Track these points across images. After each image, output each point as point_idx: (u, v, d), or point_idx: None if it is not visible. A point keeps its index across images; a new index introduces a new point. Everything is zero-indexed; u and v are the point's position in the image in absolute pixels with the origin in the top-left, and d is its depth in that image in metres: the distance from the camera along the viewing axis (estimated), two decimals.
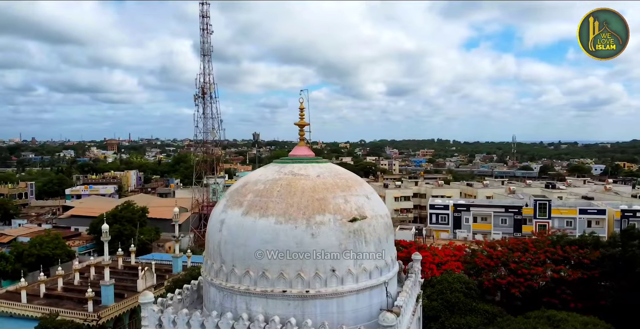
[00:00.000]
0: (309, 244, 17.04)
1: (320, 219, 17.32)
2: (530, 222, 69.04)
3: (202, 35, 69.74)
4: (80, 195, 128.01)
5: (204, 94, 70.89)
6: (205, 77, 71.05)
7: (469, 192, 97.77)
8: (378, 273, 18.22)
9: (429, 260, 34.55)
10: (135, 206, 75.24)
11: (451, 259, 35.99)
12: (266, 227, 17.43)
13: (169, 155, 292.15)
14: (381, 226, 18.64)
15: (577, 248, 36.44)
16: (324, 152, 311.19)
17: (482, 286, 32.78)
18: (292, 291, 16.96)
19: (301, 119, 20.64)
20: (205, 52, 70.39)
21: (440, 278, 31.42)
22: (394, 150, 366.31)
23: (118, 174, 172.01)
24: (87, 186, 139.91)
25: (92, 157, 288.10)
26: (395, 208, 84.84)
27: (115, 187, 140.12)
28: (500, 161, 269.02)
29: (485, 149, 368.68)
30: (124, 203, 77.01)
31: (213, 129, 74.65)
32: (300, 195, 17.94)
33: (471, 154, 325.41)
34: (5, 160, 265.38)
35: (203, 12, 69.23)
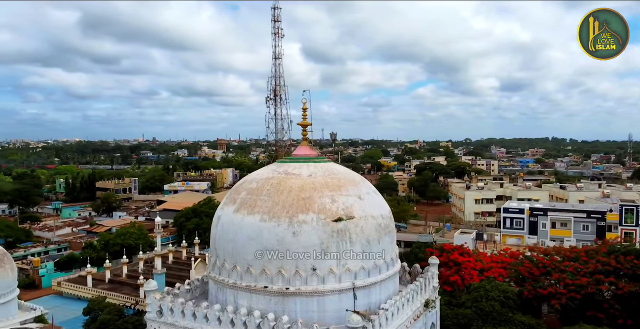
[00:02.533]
0: (290, 242, 17.29)
1: (303, 218, 17.49)
2: (615, 230, 62.41)
3: (273, 39, 72.26)
4: (177, 190, 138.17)
5: (275, 96, 73.30)
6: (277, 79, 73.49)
7: (560, 196, 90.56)
8: (365, 274, 17.95)
9: (470, 266, 32.79)
10: (215, 201, 79.85)
11: (497, 266, 33.82)
12: (252, 224, 17.99)
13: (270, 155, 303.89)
14: (371, 227, 18.31)
15: (632, 258, 32.42)
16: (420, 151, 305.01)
17: (521, 295, 30.44)
18: (273, 288, 17.34)
19: (304, 119, 20.86)
20: (277, 55, 72.74)
21: (477, 284, 29.74)
22: (501, 149, 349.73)
23: (215, 171, 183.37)
24: (185, 182, 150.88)
25: (202, 155, 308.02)
26: (476, 211, 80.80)
27: (208, 183, 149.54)
28: (618, 162, 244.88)
29: (604, 149, 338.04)
30: (206, 199, 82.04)
31: (282, 129, 77.03)
32: (287, 194, 18.24)
33: (586, 154, 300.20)
34: (127, 158, 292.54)
35: (275, 16, 71.69)
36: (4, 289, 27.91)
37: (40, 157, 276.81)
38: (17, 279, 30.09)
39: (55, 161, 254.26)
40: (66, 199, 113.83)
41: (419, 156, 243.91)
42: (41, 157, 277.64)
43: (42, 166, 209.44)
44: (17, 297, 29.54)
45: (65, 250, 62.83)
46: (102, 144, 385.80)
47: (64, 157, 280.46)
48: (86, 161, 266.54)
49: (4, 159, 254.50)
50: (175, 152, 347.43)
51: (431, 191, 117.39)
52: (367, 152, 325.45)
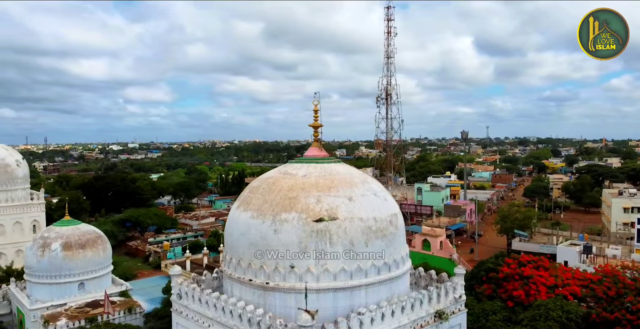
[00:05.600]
0: (272, 239, 18.06)
1: (285, 216, 18.10)
2: None
3: (385, 38, 71.55)
4: None
5: (388, 96, 72.56)
6: (389, 79, 72.68)
7: None
8: (347, 276, 17.82)
9: (540, 281, 28.80)
10: None
11: (576, 283, 29.01)
12: (244, 220, 19.22)
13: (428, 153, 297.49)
14: (357, 229, 18.03)
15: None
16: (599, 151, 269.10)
17: (588, 318, 25.63)
18: (256, 281, 18.31)
19: (315, 120, 21.30)
20: (389, 54, 71.94)
21: (540, 301, 26.11)
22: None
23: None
24: None
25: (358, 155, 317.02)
26: (625, 221, 69.12)
27: None
28: None
29: None
30: None
31: (391, 129, 75.86)
32: (277, 193, 19.00)
33: None
34: (292, 157, 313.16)
35: (388, 15, 70.93)
36: (96, 265, 33.77)
37: (222, 155, 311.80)
38: (111, 258, 35.87)
39: (234, 159, 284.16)
40: (220, 193, 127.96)
41: (590, 158, 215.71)
42: (222, 155, 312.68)
43: (221, 164, 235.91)
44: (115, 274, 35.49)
45: (202, 237, 71.35)
46: (274, 145, 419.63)
47: (240, 155, 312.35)
48: (257, 159, 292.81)
49: (191, 157, 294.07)
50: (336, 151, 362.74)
51: (588, 197, 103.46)
52: (533, 152, 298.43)
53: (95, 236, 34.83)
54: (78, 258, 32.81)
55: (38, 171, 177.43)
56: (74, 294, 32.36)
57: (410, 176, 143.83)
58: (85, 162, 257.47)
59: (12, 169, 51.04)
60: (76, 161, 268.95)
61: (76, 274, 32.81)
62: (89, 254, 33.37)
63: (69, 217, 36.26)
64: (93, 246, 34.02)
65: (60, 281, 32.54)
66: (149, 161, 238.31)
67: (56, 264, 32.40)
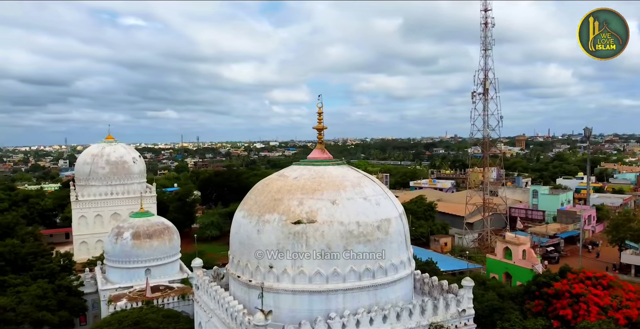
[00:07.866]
0: (255, 239, 18.78)
1: (268, 217, 18.68)
2: None
3: (482, 30, 67.15)
4: (422, 187, 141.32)
5: (486, 91, 68.11)
6: (486, 72, 68.10)
7: None
8: (322, 280, 17.90)
9: (593, 300, 25.20)
10: (425, 200, 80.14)
11: (637, 305, 24.82)
12: (237, 219, 20.22)
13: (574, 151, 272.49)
14: (336, 233, 17.97)
15: None
16: None
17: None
18: (243, 278, 19.17)
19: (319, 123, 21.47)
20: (487, 46, 67.49)
21: (585, 323, 22.94)
22: None
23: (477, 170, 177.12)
24: (431, 179, 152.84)
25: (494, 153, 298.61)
26: None
27: (453, 182, 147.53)
28: None
29: None
30: (417, 196, 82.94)
31: (488, 126, 70.87)
32: (266, 194, 19.63)
33: None
34: (420, 155, 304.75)
35: (485, 5, 66.61)
36: (162, 254, 37.00)
37: (350, 153, 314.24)
38: (178, 247, 38.98)
39: (361, 156, 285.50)
40: None
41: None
42: (351, 153, 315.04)
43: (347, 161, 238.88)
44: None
45: None
46: (404, 142, 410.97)
47: (367, 153, 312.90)
48: (384, 157, 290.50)
49: None
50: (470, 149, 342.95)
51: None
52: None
53: (162, 228, 38.35)
54: (145, 246, 36.46)
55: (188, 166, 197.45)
56: (140, 278, 35.99)
57: (537, 177, 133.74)
58: (230, 158, 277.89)
59: (129, 165, 58.35)
60: (223, 157, 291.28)
61: (143, 260, 36.50)
62: (155, 244, 36.88)
63: (143, 210, 40.38)
64: (160, 236, 37.51)
65: (129, 266, 36.46)
66: (283, 158, 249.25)
67: (126, 251, 36.32)
